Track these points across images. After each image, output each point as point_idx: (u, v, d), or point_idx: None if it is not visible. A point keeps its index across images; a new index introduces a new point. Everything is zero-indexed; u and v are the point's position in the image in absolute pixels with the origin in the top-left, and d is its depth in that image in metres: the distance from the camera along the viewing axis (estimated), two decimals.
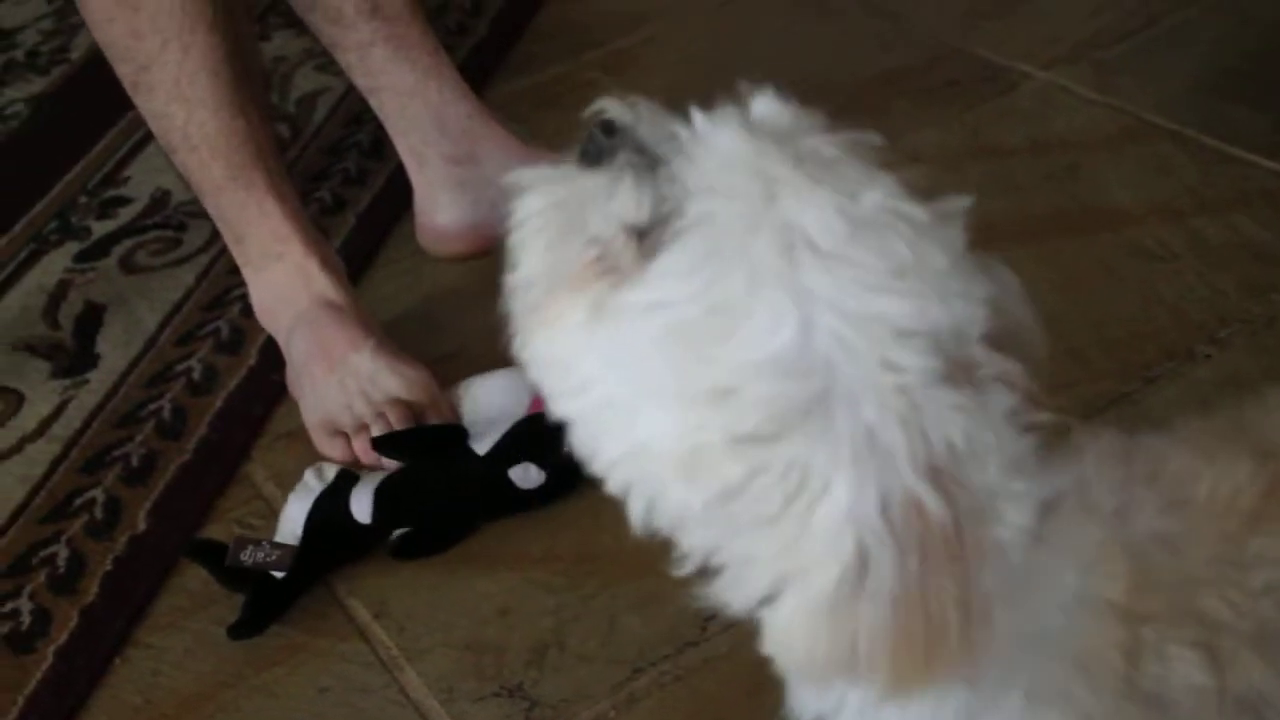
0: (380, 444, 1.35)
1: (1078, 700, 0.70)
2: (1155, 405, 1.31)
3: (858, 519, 0.62)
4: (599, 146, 0.69)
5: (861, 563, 0.62)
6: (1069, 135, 1.69)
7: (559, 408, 0.69)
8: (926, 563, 0.62)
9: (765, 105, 0.68)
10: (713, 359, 0.64)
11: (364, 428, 1.38)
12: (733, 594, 0.67)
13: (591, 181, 0.69)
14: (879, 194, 0.65)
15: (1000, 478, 0.65)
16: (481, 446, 1.32)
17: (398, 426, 1.38)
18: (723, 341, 0.63)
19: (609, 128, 0.69)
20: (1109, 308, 1.43)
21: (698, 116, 0.68)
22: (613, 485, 0.68)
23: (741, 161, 0.65)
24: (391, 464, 1.35)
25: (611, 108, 0.69)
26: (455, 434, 1.34)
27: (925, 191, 0.67)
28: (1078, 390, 1.33)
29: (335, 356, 1.42)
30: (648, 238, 0.66)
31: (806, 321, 0.63)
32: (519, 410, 1.33)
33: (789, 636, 0.65)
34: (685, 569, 0.68)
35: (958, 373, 0.65)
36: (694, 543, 0.68)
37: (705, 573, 0.68)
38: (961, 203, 0.67)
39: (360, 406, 1.39)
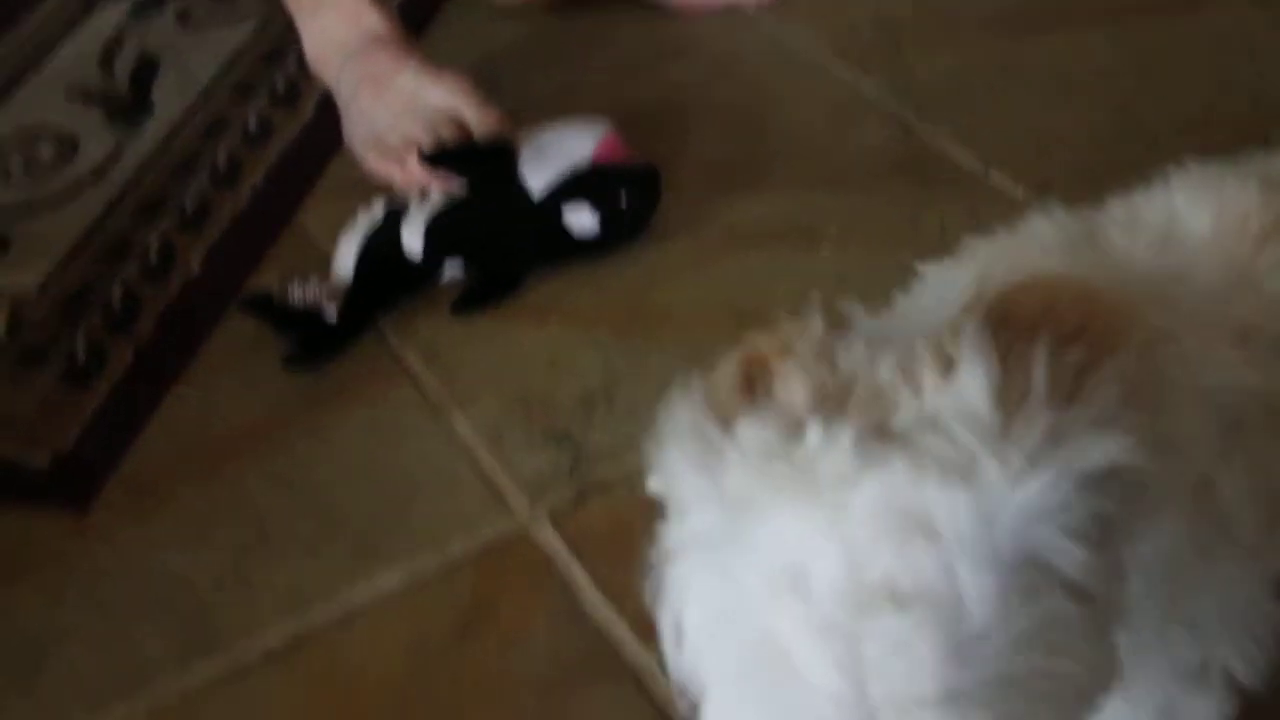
0: (430, 159, 1.33)
1: None
2: None
3: None
4: None
5: None
6: None
7: None
8: None
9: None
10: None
11: (414, 145, 1.36)
12: None
13: None
14: (873, 493, 0.53)
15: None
16: (536, 178, 1.30)
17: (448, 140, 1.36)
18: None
19: None
20: (1184, 90, 1.39)
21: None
22: None
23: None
24: (441, 190, 1.33)
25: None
26: (503, 152, 1.32)
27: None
28: (1148, 173, 1.30)
29: (381, 80, 1.41)
30: None
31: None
32: (581, 154, 1.31)
33: None
34: None
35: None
36: None
37: None
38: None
39: (407, 123, 1.38)
